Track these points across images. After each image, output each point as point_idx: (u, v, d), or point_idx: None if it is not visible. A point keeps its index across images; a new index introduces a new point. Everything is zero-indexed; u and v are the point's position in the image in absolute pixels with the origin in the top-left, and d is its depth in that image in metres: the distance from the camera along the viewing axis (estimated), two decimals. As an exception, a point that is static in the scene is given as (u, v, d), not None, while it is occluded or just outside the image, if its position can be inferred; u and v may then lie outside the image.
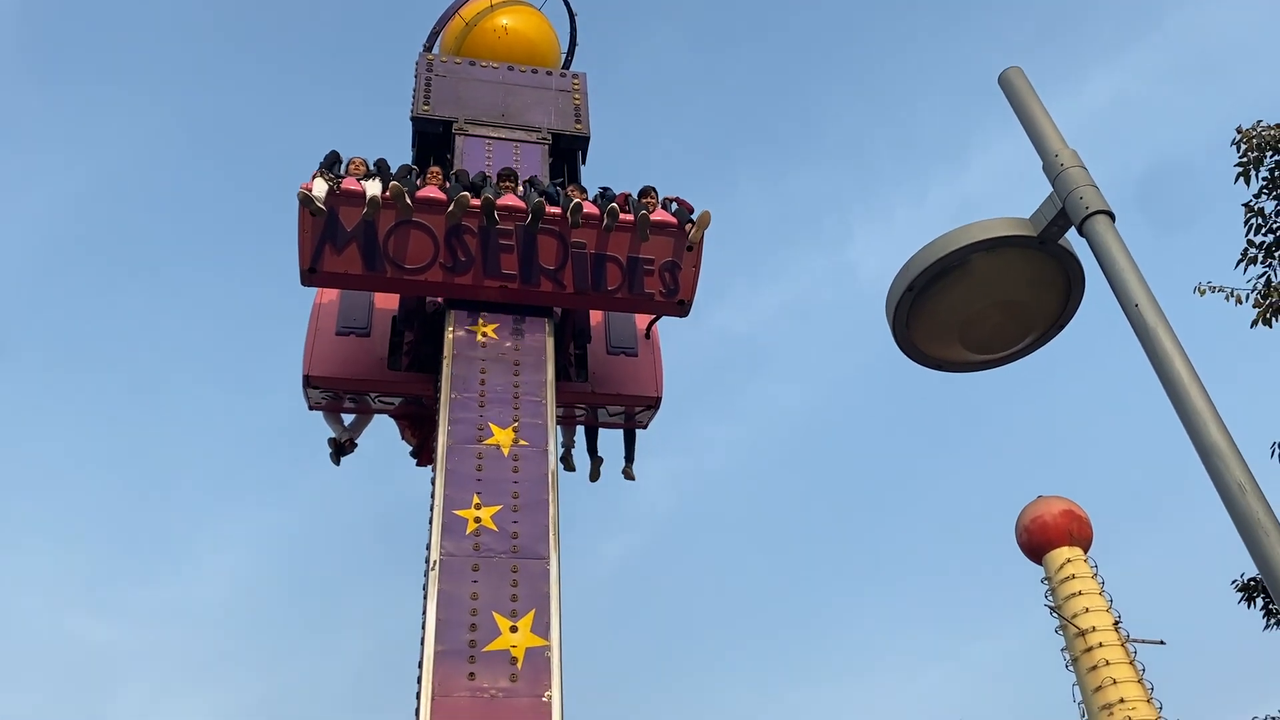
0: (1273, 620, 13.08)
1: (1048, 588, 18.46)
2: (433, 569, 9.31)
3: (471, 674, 8.81)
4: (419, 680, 8.94)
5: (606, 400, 12.23)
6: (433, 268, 10.67)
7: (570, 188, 11.50)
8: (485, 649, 8.99)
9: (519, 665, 8.90)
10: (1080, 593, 17.76)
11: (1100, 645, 16.78)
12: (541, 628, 9.18)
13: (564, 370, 11.73)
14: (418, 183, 10.95)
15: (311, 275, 10.64)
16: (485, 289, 10.87)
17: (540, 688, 8.85)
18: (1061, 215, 3.66)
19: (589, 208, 10.87)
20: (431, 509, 9.84)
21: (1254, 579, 12.96)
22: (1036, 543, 18.82)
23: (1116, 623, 17.36)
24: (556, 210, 10.83)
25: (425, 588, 9.32)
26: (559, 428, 11.53)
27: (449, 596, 9.17)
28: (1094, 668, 16.68)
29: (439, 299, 11.27)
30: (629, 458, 12.67)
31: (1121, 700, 16.10)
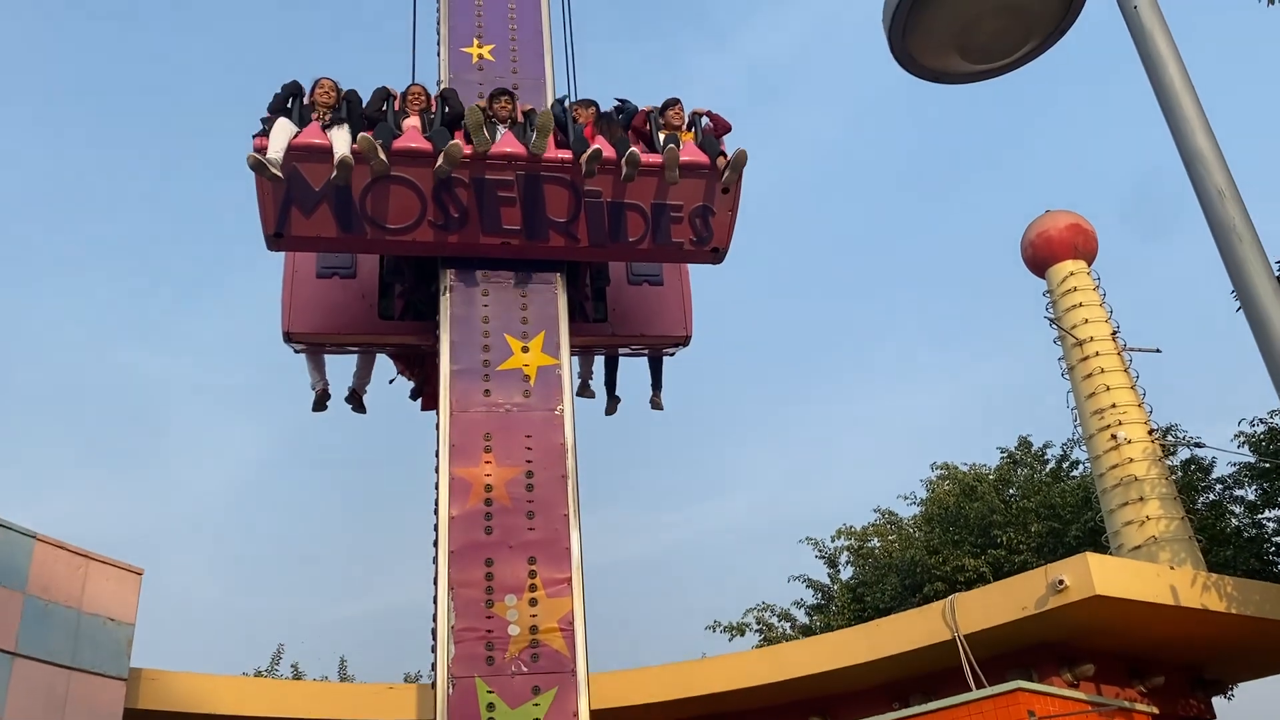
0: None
1: (1049, 301, 18.78)
2: (445, 294, 9.56)
3: (487, 390, 9.25)
4: (438, 398, 9.40)
5: (628, 341, 10.98)
6: (420, 226, 9.13)
7: (577, 106, 9.56)
8: (499, 368, 9.39)
9: (531, 382, 9.31)
10: (1081, 304, 18.07)
11: (1096, 355, 17.26)
12: (551, 348, 9.53)
13: (579, 307, 10.31)
14: (397, 120, 9.10)
15: (278, 240, 9.16)
16: (483, 246, 9.39)
17: (552, 402, 9.31)
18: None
19: (606, 150, 8.98)
20: (438, 44, 10.12)
21: None
22: (1041, 257, 18.95)
23: (1114, 333, 17.77)
24: (566, 155, 9.03)
25: (439, 314, 9.61)
26: (574, 357, 10.37)
27: (461, 319, 9.47)
28: (1089, 375, 17.24)
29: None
30: (656, 385, 11.40)
31: (1113, 405, 16.74)
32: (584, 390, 11.30)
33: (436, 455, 9.05)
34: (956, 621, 13.41)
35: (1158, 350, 18.00)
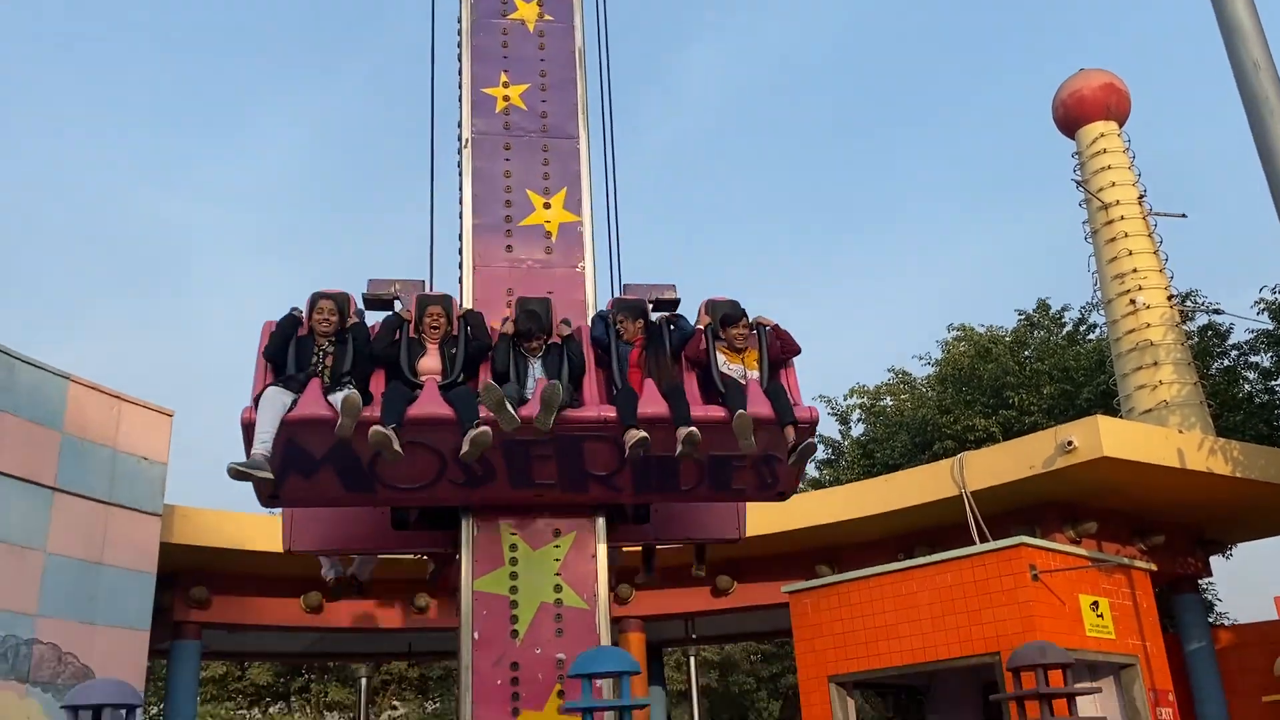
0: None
1: (1078, 162, 18.48)
2: (465, 147, 9.51)
3: (509, 246, 9.30)
4: (460, 252, 9.46)
5: (672, 542, 9.96)
6: (440, 484, 7.91)
7: (623, 318, 8.12)
8: (521, 223, 9.42)
9: (553, 239, 9.34)
10: (1109, 167, 17.78)
11: (1121, 219, 17.08)
12: (574, 204, 9.52)
13: (617, 509, 8.93)
14: (411, 356, 7.71)
15: (273, 501, 8.06)
16: (513, 498, 8.20)
17: (574, 259, 9.36)
18: None
19: (656, 406, 7.50)
20: (460, 87, 9.84)
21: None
22: (1073, 116, 18.56)
23: (1141, 197, 17.56)
24: (610, 415, 7.52)
25: (460, 165, 9.58)
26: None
27: (483, 173, 9.45)
28: (1112, 239, 17.10)
29: None
30: (699, 561, 10.41)
31: (1134, 270, 16.67)
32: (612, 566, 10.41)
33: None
34: (965, 478, 13.74)
35: (1183, 215, 17.82)
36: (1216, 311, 20.20)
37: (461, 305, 8.55)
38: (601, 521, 8.48)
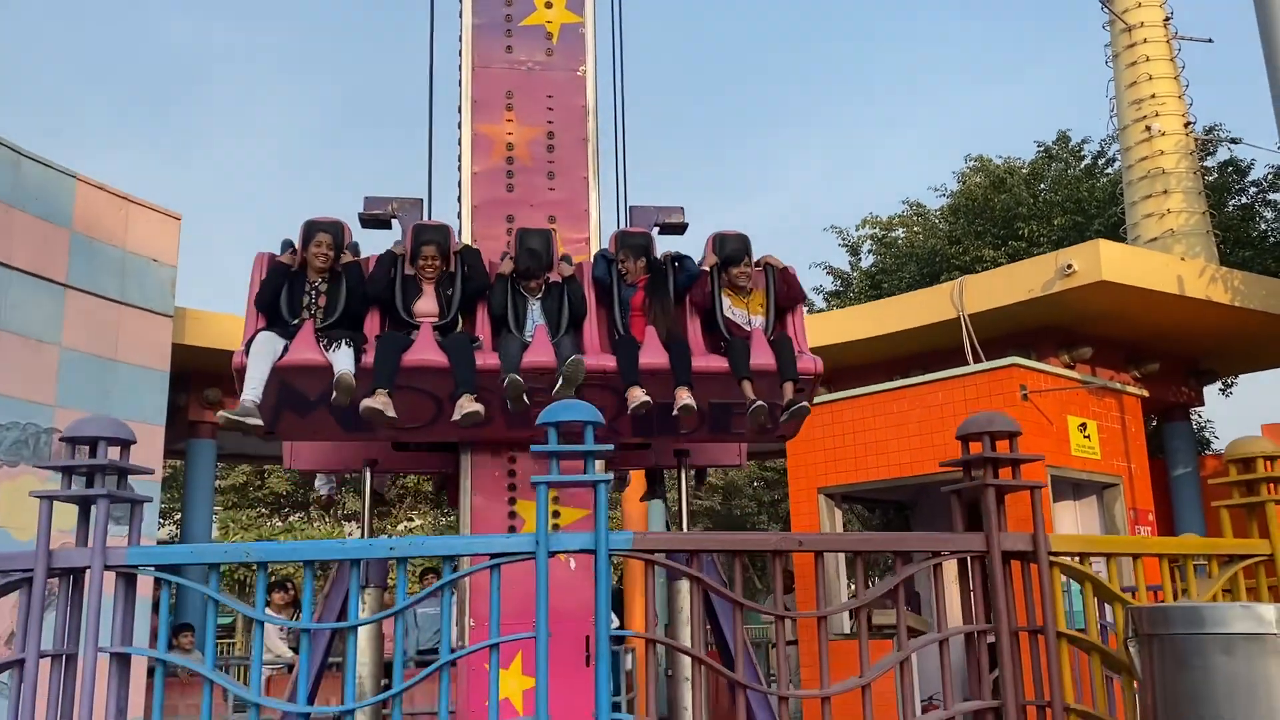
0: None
1: (1106, -19, 17.81)
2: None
3: (509, 47, 9.20)
4: (459, 54, 9.37)
5: (672, 468, 9.52)
6: (439, 423, 7.64)
7: (626, 256, 7.85)
8: (521, 23, 9.28)
9: (554, 40, 9.23)
10: (1137, -12, 17.17)
11: (1145, 42, 16.59)
12: (576, 4, 9.36)
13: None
14: (407, 297, 7.46)
15: (270, 436, 7.79)
16: (511, 437, 7.91)
17: (575, 62, 9.27)
18: None
19: (658, 357, 7.31)
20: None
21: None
22: (1104, -66, 17.77)
23: (1167, 19, 16.99)
24: (610, 366, 7.30)
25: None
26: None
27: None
28: (1133, 64, 16.66)
29: None
30: (699, 483, 10.20)
31: (1153, 96, 16.28)
32: (619, 485, 10.53)
33: (459, 111, 9.08)
34: (963, 302, 13.87)
35: (1209, 40, 17.30)
36: (1234, 142, 19.85)
37: (459, 237, 8.25)
38: None
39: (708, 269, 7.89)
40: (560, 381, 7.12)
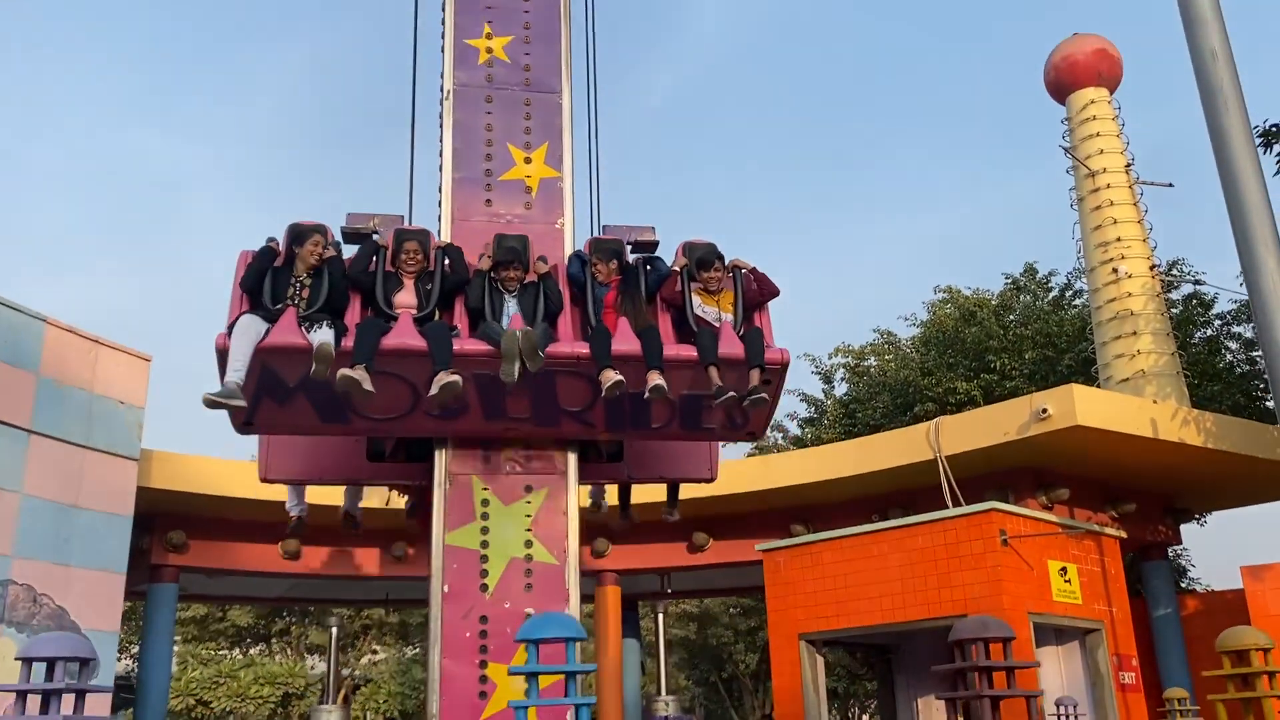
0: (1282, 167, 13.21)
1: (1067, 128, 18.39)
2: (446, 99, 9.44)
3: (488, 200, 9.26)
4: (439, 205, 9.43)
5: (644, 481, 9.96)
6: (414, 415, 8.00)
7: (597, 260, 8.27)
8: (501, 178, 9.37)
9: (533, 194, 9.31)
10: (1098, 134, 17.69)
11: (1108, 186, 17.04)
12: (555, 160, 9.47)
13: (591, 445, 9.05)
14: (387, 288, 7.80)
15: (248, 428, 8.10)
16: (486, 431, 8.30)
17: (553, 215, 9.33)
18: None
19: (630, 343, 7.67)
20: (443, 37, 9.74)
21: (1274, 126, 12.93)
22: (1064, 82, 18.42)
23: (1128, 165, 17.51)
24: (583, 351, 7.68)
25: (441, 118, 9.51)
26: (590, 487, 9.54)
27: (464, 126, 9.37)
28: (1098, 207, 17.07)
29: None
30: (671, 504, 10.24)
31: (1118, 239, 16.67)
32: (595, 509, 10.60)
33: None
34: (940, 443, 13.84)
35: (1170, 185, 17.79)
36: (1199, 283, 20.26)
37: (440, 239, 8.56)
38: (574, 459, 8.51)
39: (678, 269, 8.22)
40: (513, 360, 7.26)
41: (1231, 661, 5.24)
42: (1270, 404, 18.95)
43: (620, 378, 7.46)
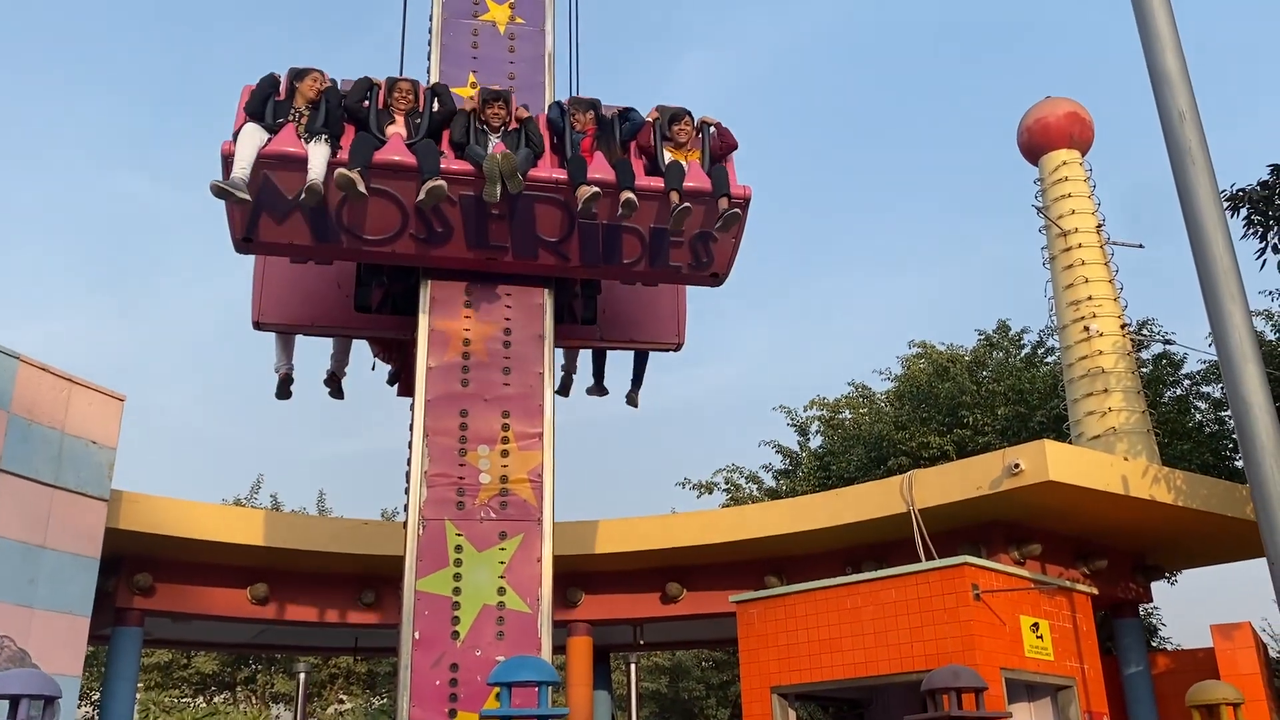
0: (1249, 230, 13.51)
1: (1039, 189, 18.74)
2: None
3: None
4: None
5: (616, 344, 10.47)
6: (401, 238, 8.62)
7: (575, 110, 8.93)
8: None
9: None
10: (1070, 195, 18.04)
11: (1080, 246, 17.35)
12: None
13: (566, 307, 9.80)
14: (380, 121, 8.45)
15: (246, 245, 8.65)
16: (469, 261, 8.91)
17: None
18: None
19: (604, 172, 8.41)
20: (428, 71, 9.86)
21: (1241, 190, 13.24)
22: (1037, 143, 18.81)
23: (1099, 226, 17.83)
24: (561, 176, 8.44)
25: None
26: (559, 350, 10.02)
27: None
28: (1070, 266, 17.36)
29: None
30: (636, 382, 10.81)
31: (1089, 298, 16.94)
32: (564, 388, 10.89)
33: (418, 310, 9.12)
34: (913, 496, 13.88)
35: (1140, 246, 18.12)
36: (1168, 342, 20.54)
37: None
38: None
39: (651, 120, 8.89)
40: (495, 181, 7.96)
41: (1202, 716, 5.26)
42: (1239, 463, 19.15)
43: (596, 189, 8.15)
